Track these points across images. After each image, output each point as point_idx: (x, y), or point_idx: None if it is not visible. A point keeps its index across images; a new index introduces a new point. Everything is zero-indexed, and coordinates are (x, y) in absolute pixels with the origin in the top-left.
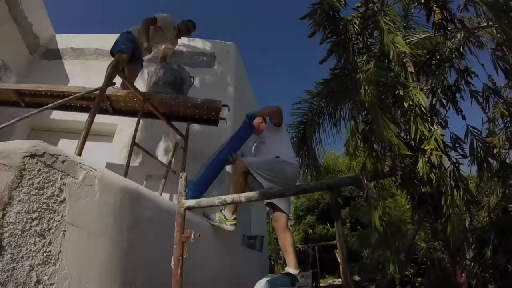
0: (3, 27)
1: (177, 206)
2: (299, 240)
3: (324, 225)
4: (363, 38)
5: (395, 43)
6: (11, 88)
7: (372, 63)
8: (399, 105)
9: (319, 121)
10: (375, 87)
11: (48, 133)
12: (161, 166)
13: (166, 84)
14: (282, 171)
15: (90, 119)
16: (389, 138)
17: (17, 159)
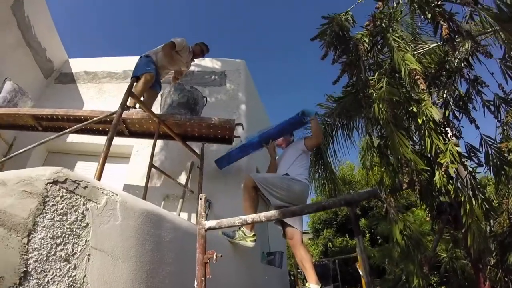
0: (17, 52)
1: (198, 228)
2: (319, 253)
3: (343, 237)
4: (373, 55)
5: (406, 60)
6: (29, 113)
7: (384, 81)
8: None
9: (333, 134)
10: (389, 105)
11: (65, 156)
12: (178, 186)
13: (180, 105)
14: (290, 189)
15: (108, 143)
16: (405, 154)
17: (40, 186)
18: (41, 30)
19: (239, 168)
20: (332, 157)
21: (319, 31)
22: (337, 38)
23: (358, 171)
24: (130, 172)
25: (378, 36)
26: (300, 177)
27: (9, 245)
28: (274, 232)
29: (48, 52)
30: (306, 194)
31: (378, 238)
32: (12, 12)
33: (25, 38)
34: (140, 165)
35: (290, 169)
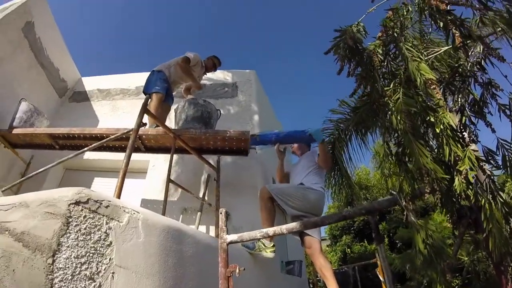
0: (31, 73)
1: (220, 242)
2: (337, 260)
3: (361, 243)
4: (386, 64)
5: (421, 70)
6: (45, 132)
7: (400, 92)
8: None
9: (347, 138)
10: (406, 116)
11: (82, 173)
12: (195, 199)
13: (194, 120)
14: (305, 198)
15: (126, 161)
16: (425, 164)
17: (63, 207)
18: (53, 51)
19: (255, 179)
20: (347, 162)
21: (332, 45)
22: (350, 50)
23: (374, 175)
24: (147, 187)
25: (391, 45)
26: (316, 186)
27: (34, 266)
28: (292, 241)
29: (61, 71)
30: (322, 203)
31: (397, 242)
32: (23, 34)
33: (38, 59)
34: (157, 179)
35: (306, 178)
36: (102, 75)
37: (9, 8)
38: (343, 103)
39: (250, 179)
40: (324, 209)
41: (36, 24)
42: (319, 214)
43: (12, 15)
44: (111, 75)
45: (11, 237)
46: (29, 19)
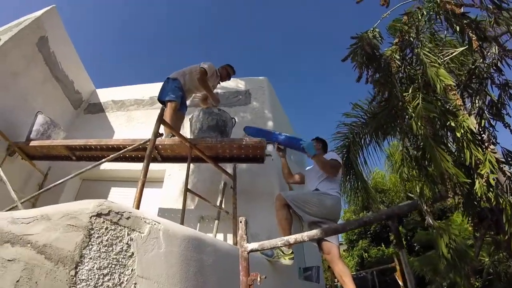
0: (46, 86)
1: (240, 250)
2: (354, 265)
3: (378, 247)
4: (404, 69)
5: (440, 76)
6: (62, 144)
7: (420, 98)
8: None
9: (361, 142)
10: (427, 122)
11: (98, 183)
12: (212, 208)
13: (210, 129)
14: (321, 204)
15: (144, 171)
16: (447, 169)
17: (84, 219)
18: (68, 64)
19: (271, 185)
20: (363, 165)
21: (349, 52)
22: (368, 57)
23: (390, 178)
24: (164, 196)
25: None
26: (332, 191)
27: (57, 278)
28: (309, 246)
29: (76, 84)
30: (339, 208)
31: (415, 245)
32: (37, 49)
33: (52, 73)
34: (173, 188)
35: (321, 184)
36: (116, 87)
37: (23, 24)
38: (357, 106)
39: (266, 185)
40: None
41: (50, 38)
42: (337, 219)
43: (25, 30)
44: (125, 86)
45: (33, 250)
46: (42, 34)
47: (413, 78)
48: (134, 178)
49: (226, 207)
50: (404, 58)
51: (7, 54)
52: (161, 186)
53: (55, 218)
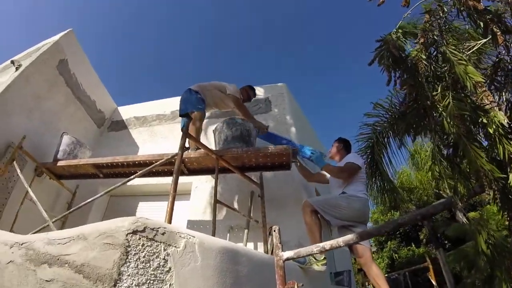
0: (69, 108)
1: (276, 259)
2: (385, 267)
3: (408, 246)
4: (430, 68)
5: (469, 73)
6: (89, 162)
7: (450, 97)
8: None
9: (385, 141)
10: (459, 120)
11: (126, 198)
12: (240, 217)
13: (234, 139)
14: (349, 207)
15: (174, 185)
16: (482, 166)
17: (120, 237)
18: (88, 85)
19: (298, 191)
20: (388, 166)
21: (375, 55)
22: (394, 59)
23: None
24: (191, 208)
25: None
26: (359, 193)
27: None
28: (339, 250)
29: (98, 103)
30: (367, 209)
31: (446, 242)
32: (58, 72)
33: (74, 94)
34: (201, 200)
35: (347, 186)
36: (137, 103)
37: (42, 49)
38: (377, 105)
39: (293, 192)
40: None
41: (70, 61)
42: (366, 221)
43: (45, 55)
44: (146, 102)
45: (71, 269)
46: (62, 57)
47: (439, 76)
48: (161, 192)
49: (255, 215)
50: (429, 57)
51: (29, 78)
52: (188, 199)
53: (92, 237)
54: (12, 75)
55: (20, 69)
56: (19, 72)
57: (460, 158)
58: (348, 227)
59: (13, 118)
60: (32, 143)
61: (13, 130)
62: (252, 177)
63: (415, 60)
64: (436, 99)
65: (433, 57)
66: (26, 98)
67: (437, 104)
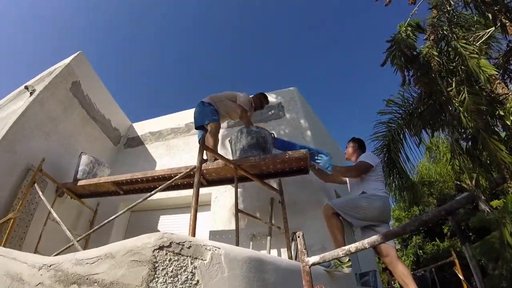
0: (86, 128)
1: (302, 265)
2: (410, 264)
3: (433, 242)
4: (442, 63)
5: (482, 67)
6: (109, 180)
7: (465, 92)
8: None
9: (401, 138)
10: (476, 115)
11: (146, 213)
12: (262, 224)
13: (251, 147)
14: (370, 206)
15: (195, 198)
16: (502, 158)
17: (147, 254)
18: (102, 104)
19: (318, 194)
20: (405, 162)
21: (387, 56)
22: (406, 58)
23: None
24: (213, 219)
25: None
26: (379, 191)
27: None
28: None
29: (113, 121)
30: (388, 207)
31: (470, 234)
32: (72, 94)
33: (89, 114)
34: (222, 210)
35: (366, 185)
36: (151, 119)
37: (54, 72)
38: (390, 102)
39: (313, 195)
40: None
41: (82, 82)
42: (388, 220)
43: (58, 78)
44: (160, 117)
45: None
46: (74, 79)
47: (452, 70)
48: (181, 204)
49: (276, 222)
50: (441, 52)
51: (44, 102)
52: (208, 209)
53: (119, 255)
54: (27, 100)
55: (35, 93)
56: (34, 96)
57: (480, 151)
58: (371, 227)
59: (32, 142)
60: (51, 164)
61: (32, 153)
62: (271, 184)
63: (427, 57)
64: (451, 94)
65: (445, 52)
66: (42, 121)
67: (453, 99)
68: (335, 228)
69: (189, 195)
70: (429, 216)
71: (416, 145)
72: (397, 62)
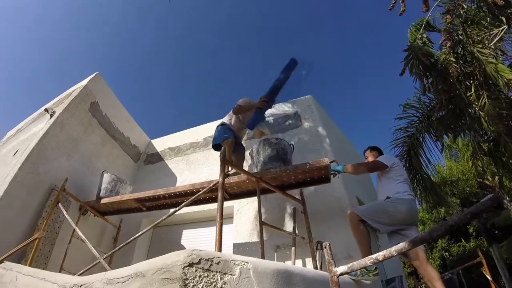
0: (106, 147)
1: (330, 276)
2: (437, 267)
3: (459, 243)
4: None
5: (500, 71)
6: (132, 197)
7: (485, 96)
8: None
9: (420, 141)
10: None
11: (169, 228)
12: (285, 235)
13: (272, 159)
14: (396, 211)
15: (220, 213)
16: None
17: (177, 271)
18: (121, 123)
19: (341, 202)
20: (427, 166)
21: (405, 64)
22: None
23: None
24: (236, 232)
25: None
26: (403, 195)
27: None
28: None
29: (132, 139)
30: (415, 209)
31: (496, 232)
32: (91, 114)
33: (109, 133)
34: (244, 223)
35: (389, 189)
36: (168, 135)
37: (72, 94)
38: (407, 106)
39: (336, 203)
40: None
41: (100, 102)
42: (416, 221)
43: (77, 99)
44: (178, 133)
45: None
46: (92, 100)
47: (470, 74)
48: (203, 218)
49: (300, 232)
50: (457, 57)
51: (65, 124)
52: (231, 222)
53: (149, 274)
54: (47, 122)
55: (55, 115)
56: (54, 118)
57: (502, 152)
58: (399, 232)
59: (54, 162)
60: (74, 183)
61: (55, 173)
62: (292, 194)
63: (444, 63)
64: (471, 99)
65: (461, 56)
66: (63, 142)
67: (473, 103)
68: (362, 236)
69: (211, 209)
70: (455, 220)
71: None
72: (415, 70)
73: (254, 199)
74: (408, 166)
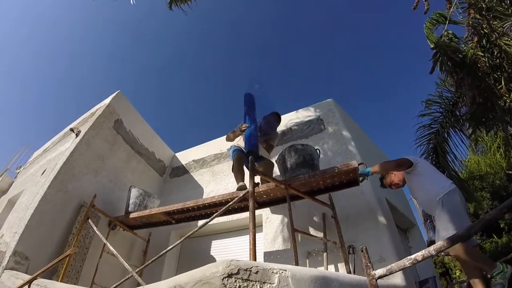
0: (132, 162)
1: (368, 279)
2: None
3: (491, 239)
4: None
5: None
6: (161, 211)
7: None
8: None
9: (445, 136)
10: None
11: (198, 239)
12: (316, 241)
13: (299, 166)
14: (458, 204)
15: (253, 222)
16: None
17: (217, 282)
18: (145, 138)
19: (370, 205)
20: (454, 162)
21: (434, 62)
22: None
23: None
24: (265, 240)
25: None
26: (443, 189)
27: None
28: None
29: (156, 153)
30: (456, 199)
31: None
32: (115, 131)
33: (134, 149)
34: (273, 230)
35: (431, 192)
36: (192, 147)
37: (96, 113)
38: (430, 102)
39: (365, 206)
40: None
41: (124, 119)
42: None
43: (101, 118)
44: (201, 145)
45: None
46: (116, 117)
47: (498, 66)
48: (230, 229)
49: (331, 237)
50: (484, 50)
51: (90, 142)
52: (260, 231)
53: (189, 286)
54: (73, 141)
55: (80, 134)
56: (80, 137)
57: None
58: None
59: (82, 180)
60: (102, 199)
61: (83, 190)
62: (321, 199)
63: (473, 58)
64: (502, 92)
65: (487, 49)
66: (90, 159)
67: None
68: (484, 260)
69: (239, 219)
70: (492, 215)
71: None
72: (445, 68)
73: (281, 206)
74: (435, 164)
